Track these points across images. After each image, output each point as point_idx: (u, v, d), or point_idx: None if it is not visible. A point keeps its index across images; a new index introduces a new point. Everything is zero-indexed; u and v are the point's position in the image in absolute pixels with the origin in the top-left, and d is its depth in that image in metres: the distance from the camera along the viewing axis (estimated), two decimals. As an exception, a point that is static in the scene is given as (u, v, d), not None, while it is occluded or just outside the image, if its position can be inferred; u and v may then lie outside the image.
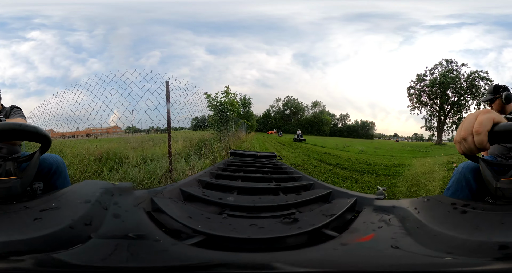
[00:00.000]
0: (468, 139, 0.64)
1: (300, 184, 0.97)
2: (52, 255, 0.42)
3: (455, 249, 0.45)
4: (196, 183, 0.93)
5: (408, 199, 0.73)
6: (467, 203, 0.63)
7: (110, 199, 0.67)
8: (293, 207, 0.73)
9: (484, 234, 0.49)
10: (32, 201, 0.66)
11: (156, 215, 0.62)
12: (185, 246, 0.49)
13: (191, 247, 0.49)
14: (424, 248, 0.46)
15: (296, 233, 0.54)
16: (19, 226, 0.53)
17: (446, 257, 0.43)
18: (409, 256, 0.45)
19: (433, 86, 25.41)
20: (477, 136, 0.62)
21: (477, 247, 0.45)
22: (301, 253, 0.48)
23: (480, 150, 0.66)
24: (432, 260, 0.43)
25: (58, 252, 0.43)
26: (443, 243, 0.47)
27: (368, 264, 0.44)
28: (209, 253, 0.48)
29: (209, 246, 0.51)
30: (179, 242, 0.51)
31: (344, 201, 0.73)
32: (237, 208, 0.69)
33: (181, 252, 0.48)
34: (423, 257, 0.44)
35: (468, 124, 0.65)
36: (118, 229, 0.55)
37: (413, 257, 0.45)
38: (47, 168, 1.26)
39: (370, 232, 0.56)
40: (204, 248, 0.49)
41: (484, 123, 0.63)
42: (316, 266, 0.44)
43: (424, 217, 0.58)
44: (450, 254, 0.43)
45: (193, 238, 0.52)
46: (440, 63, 26.49)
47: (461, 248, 0.45)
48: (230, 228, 0.57)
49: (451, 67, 25.71)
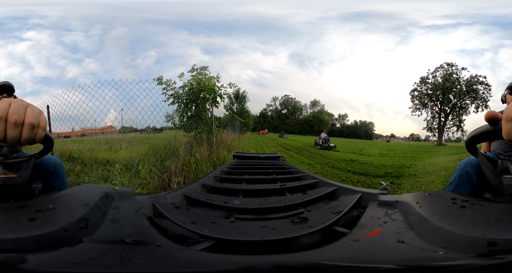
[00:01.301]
0: None
1: (306, 183, 0.98)
2: (27, 255, 0.41)
3: (450, 244, 0.46)
4: (199, 187, 0.92)
5: (410, 193, 0.75)
6: (467, 198, 0.64)
7: (109, 204, 0.65)
8: (300, 206, 0.73)
9: (479, 230, 0.49)
10: (30, 200, 0.66)
11: (157, 221, 0.61)
12: (194, 251, 0.48)
13: (201, 252, 0.48)
14: (424, 242, 0.48)
15: (309, 232, 0.54)
16: (13, 224, 0.52)
17: (440, 251, 0.45)
18: (412, 250, 0.47)
19: (437, 89, 26.46)
20: None
21: (470, 243, 0.46)
22: (319, 252, 0.48)
23: None
24: (429, 254, 0.45)
25: (35, 253, 0.43)
26: (440, 237, 0.49)
27: (379, 259, 0.45)
28: (225, 257, 0.46)
29: (220, 251, 0.49)
30: (185, 248, 0.49)
31: (350, 197, 0.74)
32: (244, 211, 0.68)
33: (191, 257, 0.47)
34: (422, 251, 0.46)
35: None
36: (115, 234, 0.54)
37: (415, 251, 0.47)
38: (45, 169, 1.26)
39: (377, 227, 0.57)
40: (215, 252, 0.48)
41: None
42: (337, 262, 0.45)
43: (425, 211, 0.59)
44: (444, 249, 0.45)
45: (201, 243, 0.50)
46: (441, 66, 27.52)
47: (455, 243, 0.47)
48: (239, 232, 0.56)
49: (452, 71, 26.78)
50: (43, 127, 0.65)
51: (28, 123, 0.61)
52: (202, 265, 0.44)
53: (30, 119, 0.62)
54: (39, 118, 0.64)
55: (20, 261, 0.40)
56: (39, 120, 0.64)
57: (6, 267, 0.39)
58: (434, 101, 27.40)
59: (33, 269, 0.40)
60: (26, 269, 0.39)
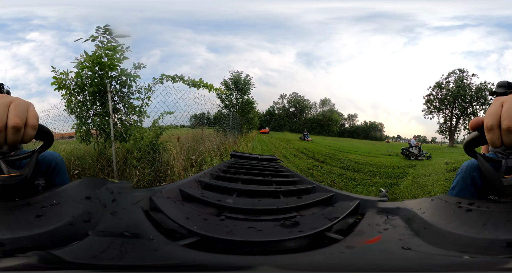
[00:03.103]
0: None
1: (302, 188, 0.98)
2: (53, 252, 0.44)
3: (466, 248, 0.46)
4: (195, 183, 0.94)
5: (412, 200, 0.74)
6: (472, 201, 0.65)
7: (109, 197, 0.68)
8: (293, 210, 0.73)
9: (492, 232, 0.50)
10: (34, 197, 0.68)
11: (153, 214, 0.64)
12: (177, 246, 0.51)
13: (183, 247, 0.50)
14: (437, 248, 0.47)
15: (296, 237, 0.54)
16: (23, 222, 0.55)
17: (464, 256, 0.44)
18: (423, 256, 0.46)
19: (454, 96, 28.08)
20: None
21: (486, 245, 0.46)
22: (302, 256, 0.48)
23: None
24: (450, 260, 0.44)
25: (57, 249, 0.45)
26: (453, 242, 0.49)
27: (380, 266, 0.45)
28: (200, 254, 0.49)
29: (203, 247, 0.52)
30: (171, 242, 0.52)
31: (347, 204, 0.74)
32: (235, 210, 0.70)
33: (172, 252, 0.49)
34: (439, 257, 0.45)
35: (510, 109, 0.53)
36: (115, 227, 0.57)
37: (428, 257, 0.46)
38: (46, 165, 1.28)
39: (376, 234, 0.57)
40: (197, 249, 0.50)
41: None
42: (320, 269, 0.45)
43: (429, 217, 0.59)
44: (464, 253, 0.44)
45: (187, 239, 0.53)
46: (453, 72, 29.22)
47: (473, 246, 0.46)
48: (226, 230, 0.58)
49: (463, 76, 28.50)
50: (32, 126, 0.60)
51: (10, 126, 0.56)
52: (178, 260, 0.47)
53: (13, 120, 0.56)
54: (25, 116, 0.58)
55: (47, 257, 0.43)
56: (26, 118, 0.59)
57: (35, 265, 0.42)
58: (446, 106, 29.01)
59: (63, 262, 0.42)
60: (56, 264, 0.42)
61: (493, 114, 0.54)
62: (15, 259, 0.43)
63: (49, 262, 0.43)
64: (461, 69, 28.76)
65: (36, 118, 0.61)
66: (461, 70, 28.77)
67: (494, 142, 0.56)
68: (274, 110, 47.89)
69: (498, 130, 0.54)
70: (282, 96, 49.10)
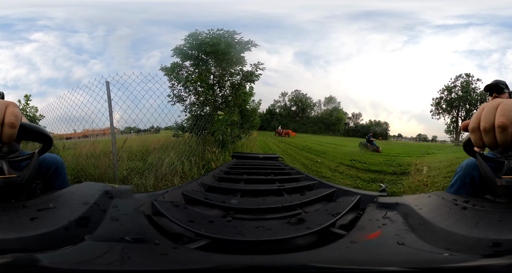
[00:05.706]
0: (490, 134, 0.59)
1: (304, 184, 1.00)
2: (35, 255, 0.44)
3: (454, 245, 0.48)
4: (198, 186, 0.95)
5: (410, 195, 0.76)
6: (468, 199, 0.66)
7: (109, 202, 0.69)
8: (298, 208, 0.75)
9: (482, 231, 0.51)
10: (31, 200, 0.69)
11: (156, 219, 0.64)
12: (189, 250, 0.51)
13: (195, 250, 0.50)
14: (426, 244, 0.49)
15: (305, 233, 0.56)
16: (15, 224, 0.55)
17: (445, 253, 0.46)
18: (414, 252, 0.48)
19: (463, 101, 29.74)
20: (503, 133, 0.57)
21: (474, 244, 0.47)
22: (314, 253, 0.50)
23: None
24: (433, 256, 0.46)
25: (42, 253, 0.45)
26: (443, 239, 0.50)
27: (379, 261, 0.47)
28: (218, 256, 0.49)
29: (214, 250, 0.52)
30: (180, 246, 0.52)
31: (349, 199, 0.76)
32: (241, 210, 0.71)
33: (185, 255, 0.49)
34: (425, 253, 0.47)
35: (490, 113, 0.59)
36: (114, 232, 0.57)
37: (417, 253, 0.48)
38: (46, 167, 1.29)
39: (376, 229, 0.59)
40: (209, 252, 0.50)
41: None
42: (332, 264, 0.47)
43: (426, 213, 0.61)
44: (448, 250, 0.46)
45: (196, 242, 0.53)
46: (460, 75, 30.71)
47: (459, 244, 0.48)
48: (235, 231, 0.58)
49: (469, 81, 29.90)
50: (8, 124, 0.57)
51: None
52: (195, 264, 0.46)
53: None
54: (1, 115, 0.57)
55: (29, 260, 0.42)
56: (3, 116, 0.57)
57: (16, 267, 0.41)
58: (453, 107, 30.80)
59: (44, 267, 0.42)
60: (37, 268, 0.41)
61: (474, 117, 0.64)
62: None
63: (29, 265, 0.42)
64: (468, 74, 30.07)
65: (14, 116, 0.58)
66: (467, 74, 30.18)
67: (476, 142, 0.64)
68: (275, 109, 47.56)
69: (479, 132, 0.62)
70: (283, 94, 48.78)
